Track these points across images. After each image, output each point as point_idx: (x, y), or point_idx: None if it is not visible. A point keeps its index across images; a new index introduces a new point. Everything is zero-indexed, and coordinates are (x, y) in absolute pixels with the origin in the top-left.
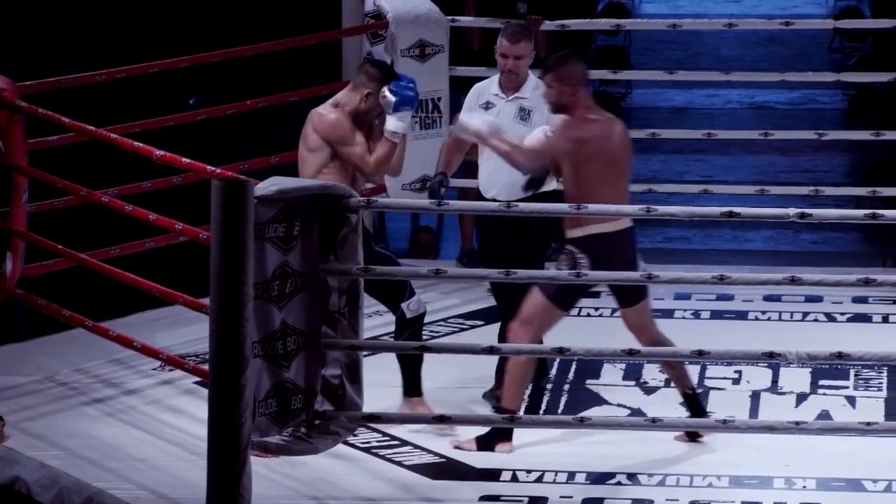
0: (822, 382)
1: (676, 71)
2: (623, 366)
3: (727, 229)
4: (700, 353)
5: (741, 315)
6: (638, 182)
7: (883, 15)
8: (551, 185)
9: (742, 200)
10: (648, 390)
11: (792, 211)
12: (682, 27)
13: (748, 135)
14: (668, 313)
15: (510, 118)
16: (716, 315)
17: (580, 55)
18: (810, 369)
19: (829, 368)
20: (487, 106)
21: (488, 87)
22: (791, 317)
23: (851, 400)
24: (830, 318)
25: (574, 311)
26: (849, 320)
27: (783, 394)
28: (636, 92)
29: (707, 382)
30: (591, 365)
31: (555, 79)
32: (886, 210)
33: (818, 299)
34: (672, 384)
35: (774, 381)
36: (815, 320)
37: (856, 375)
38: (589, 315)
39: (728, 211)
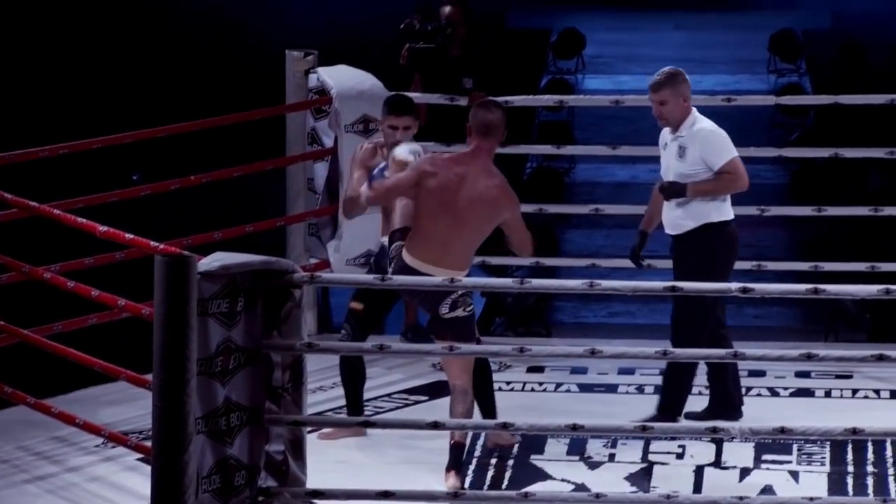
0: (765, 457)
1: (620, 146)
2: (567, 441)
3: (670, 304)
4: (644, 428)
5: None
6: (581, 257)
7: (823, 91)
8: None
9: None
10: (592, 465)
11: (735, 285)
12: (625, 103)
13: None
14: (611, 388)
15: (673, 156)
16: (659, 390)
17: (499, 107)
18: (754, 444)
19: (772, 443)
20: (665, 147)
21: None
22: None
23: (794, 475)
24: (773, 392)
25: (518, 386)
26: (791, 395)
27: (727, 468)
28: (580, 167)
29: (651, 457)
30: (535, 440)
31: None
32: (828, 285)
33: (761, 374)
34: (615, 459)
35: (718, 455)
36: (759, 395)
37: (799, 450)
38: (533, 390)
39: (671, 286)
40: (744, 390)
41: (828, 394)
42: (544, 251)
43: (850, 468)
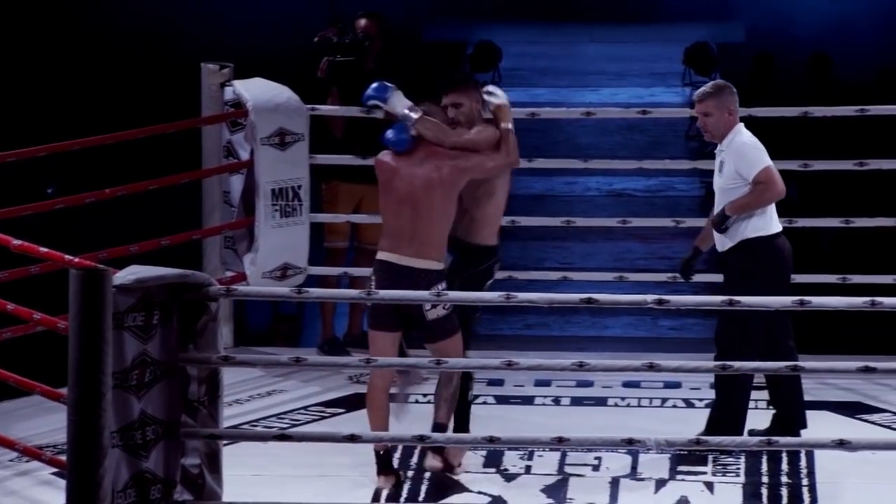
0: (680, 468)
1: (535, 158)
2: (484, 453)
3: (586, 316)
4: (560, 440)
5: (600, 401)
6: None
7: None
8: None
9: (601, 287)
10: (509, 477)
11: (650, 297)
12: (541, 116)
13: (607, 222)
14: (528, 400)
15: (717, 170)
16: (576, 401)
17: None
18: (669, 455)
19: (687, 454)
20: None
21: None
22: (650, 403)
23: (710, 486)
24: (689, 403)
25: (423, 399)
26: (707, 406)
27: (642, 480)
28: None
29: (567, 469)
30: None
31: None
32: (743, 297)
33: (677, 385)
34: (531, 471)
35: (634, 467)
36: (674, 406)
37: (714, 461)
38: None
39: (587, 298)
40: (660, 401)
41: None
42: None
43: (765, 479)
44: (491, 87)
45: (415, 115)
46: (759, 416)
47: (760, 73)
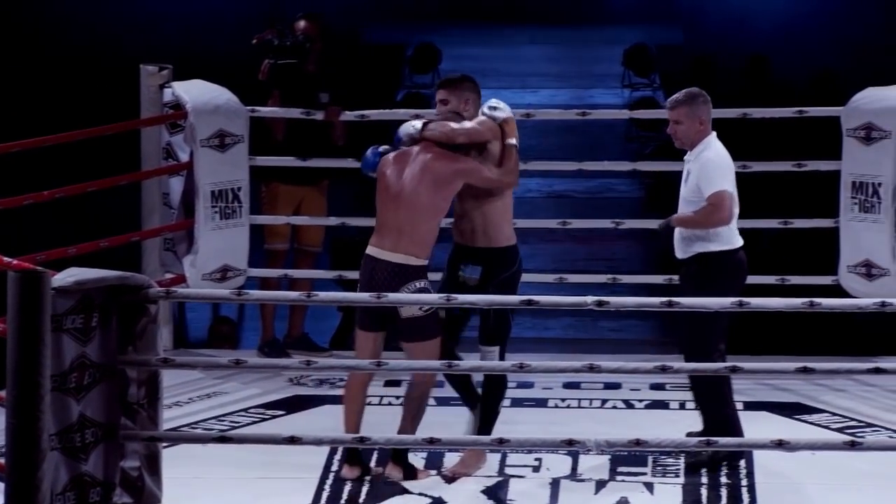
0: (620, 469)
1: None
2: (424, 454)
3: (527, 317)
4: (500, 441)
5: (541, 402)
6: (437, 270)
7: None
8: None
9: (541, 289)
10: (450, 479)
11: (590, 299)
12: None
13: (547, 223)
14: None
15: (683, 179)
16: (516, 403)
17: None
18: (609, 456)
19: (627, 455)
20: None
21: None
22: (590, 404)
23: (649, 486)
24: (629, 404)
25: (375, 400)
26: (647, 407)
27: (582, 481)
28: None
29: (507, 471)
30: (391, 453)
31: None
32: (683, 298)
33: (617, 386)
34: (471, 472)
35: (574, 468)
36: (614, 407)
37: (654, 462)
38: (391, 404)
39: (527, 299)
40: (599, 402)
41: (682, 406)
42: None
43: (705, 480)
44: (494, 101)
45: (419, 125)
46: (696, 418)
47: (699, 75)
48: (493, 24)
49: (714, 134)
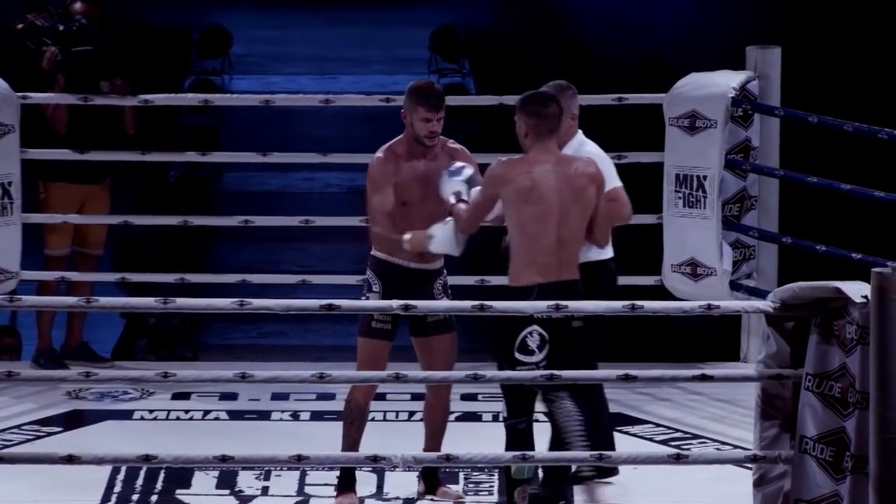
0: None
1: (270, 153)
2: (216, 473)
3: (327, 323)
4: (299, 458)
5: None
6: (230, 272)
7: (488, 92)
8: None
9: (343, 292)
10: (244, 499)
11: (396, 303)
12: (276, 103)
13: (349, 221)
14: (264, 415)
15: None
16: (316, 416)
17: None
18: (417, 472)
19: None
20: None
21: None
22: (397, 416)
23: None
24: None
25: (162, 415)
26: (458, 419)
27: (388, 500)
28: (227, 175)
29: (308, 489)
30: (181, 473)
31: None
32: (495, 301)
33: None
34: (268, 492)
35: (380, 486)
36: (423, 420)
37: (466, 479)
38: (178, 418)
39: (328, 304)
40: (407, 414)
41: (496, 417)
42: (190, 267)
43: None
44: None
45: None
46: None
47: (512, 60)
48: (288, 4)
49: (580, 130)
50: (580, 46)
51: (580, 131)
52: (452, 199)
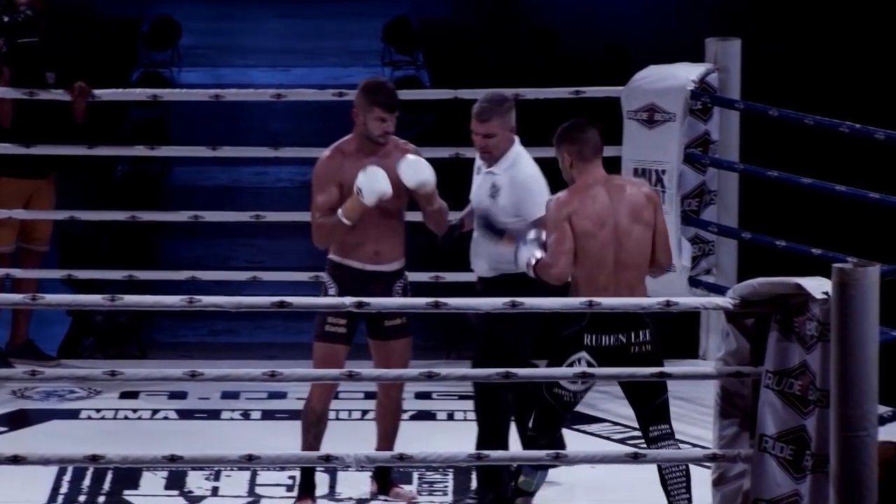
0: (382, 486)
1: (220, 147)
2: (165, 474)
3: (279, 320)
4: (250, 458)
5: (295, 414)
6: (180, 269)
7: (443, 85)
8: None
9: (294, 288)
10: (193, 500)
11: (349, 300)
12: (226, 98)
13: (300, 216)
14: (214, 414)
15: (485, 192)
16: (267, 415)
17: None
18: (370, 472)
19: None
20: (478, 171)
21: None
22: (349, 415)
23: None
24: None
25: (110, 414)
26: (412, 418)
27: (341, 500)
28: (177, 170)
29: (259, 490)
30: (129, 473)
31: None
32: (451, 298)
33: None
34: (218, 492)
35: (332, 486)
36: (374, 419)
37: (420, 478)
38: (126, 418)
39: (279, 301)
40: (360, 413)
41: (450, 416)
42: (138, 263)
43: (474, 497)
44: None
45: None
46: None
47: (469, 51)
48: None
49: (517, 140)
50: (551, 33)
51: (516, 141)
52: (534, 261)
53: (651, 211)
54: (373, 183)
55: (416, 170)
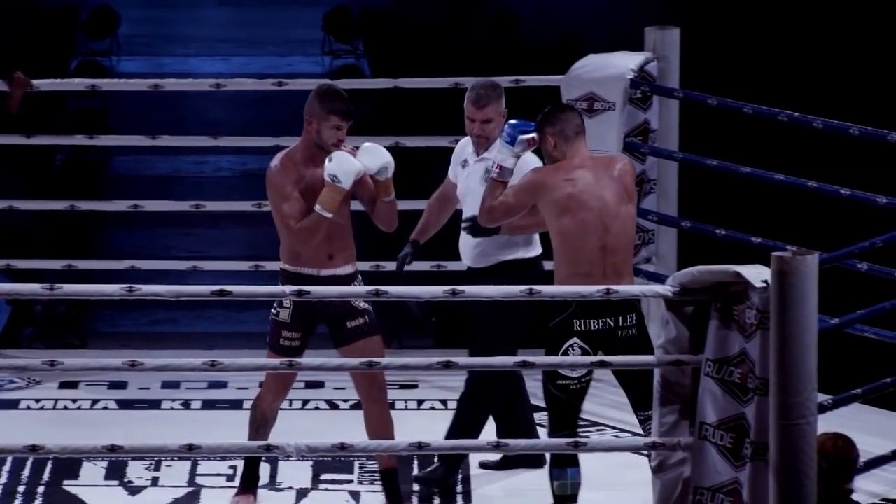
0: (324, 476)
1: (160, 136)
2: (105, 463)
3: (219, 310)
4: (190, 448)
5: (236, 404)
6: (120, 258)
7: (384, 75)
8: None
9: (235, 278)
10: (134, 490)
11: (289, 289)
12: (166, 88)
13: (241, 205)
14: (154, 404)
15: (478, 179)
16: (207, 405)
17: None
18: (311, 462)
19: (331, 461)
20: (464, 164)
21: (466, 145)
22: (290, 405)
23: (356, 495)
24: (332, 405)
25: (49, 404)
26: (352, 407)
27: (282, 490)
28: (116, 159)
29: (199, 480)
30: (68, 463)
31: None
32: (391, 287)
33: (319, 385)
34: (159, 483)
35: (273, 476)
36: (317, 408)
37: (361, 468)
38: (66, 408)
39: (219, 290)
40: (300, 403)
41: (392, 405)
42: (78, 253)
43: (417, 487)
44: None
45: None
46: (409, 418)
47: (408, 42)
48: None
49: None
50: (510, 20)
51: None
52: (495, 172)
53: (633, 186)
54: (345, 165)
55: (376, 154)
